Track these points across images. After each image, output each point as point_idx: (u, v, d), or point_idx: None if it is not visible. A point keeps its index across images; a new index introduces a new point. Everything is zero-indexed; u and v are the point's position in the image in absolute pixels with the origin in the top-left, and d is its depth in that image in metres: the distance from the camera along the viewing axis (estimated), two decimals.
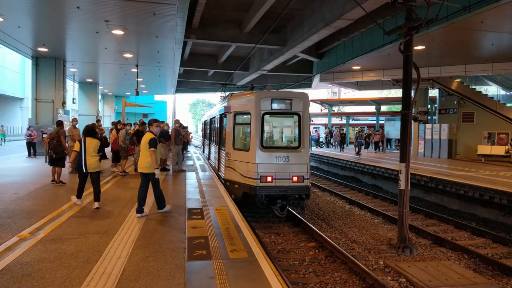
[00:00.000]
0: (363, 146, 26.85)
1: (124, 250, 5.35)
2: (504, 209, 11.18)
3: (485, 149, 21.19)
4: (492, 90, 28.33)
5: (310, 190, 10.18)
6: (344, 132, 32.10)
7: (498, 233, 10.17)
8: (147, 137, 7.49)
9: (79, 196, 8.29)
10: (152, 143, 7.34)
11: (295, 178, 9.83)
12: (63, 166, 10.88)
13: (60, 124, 11.13)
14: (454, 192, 12.97)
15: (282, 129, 11.23)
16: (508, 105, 23.87)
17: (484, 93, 24.40)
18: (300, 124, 10.28)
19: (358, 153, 24.21)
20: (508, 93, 27.25)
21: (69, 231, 6.26)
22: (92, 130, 8.24)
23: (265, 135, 10.26)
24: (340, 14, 13.04)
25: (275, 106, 10.16)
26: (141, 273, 4.59)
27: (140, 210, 7.40)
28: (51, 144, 10.61)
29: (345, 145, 29.45)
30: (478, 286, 6.56)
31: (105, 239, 5.83)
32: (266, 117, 10.21)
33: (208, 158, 18.22)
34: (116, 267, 4.73)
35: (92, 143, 8.03)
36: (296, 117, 10.34)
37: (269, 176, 9.73)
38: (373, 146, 28.02)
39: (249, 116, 10.24)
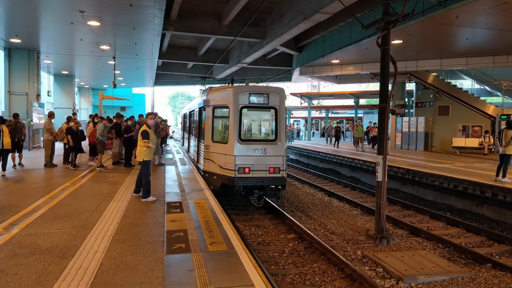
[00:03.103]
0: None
1: (102, 245, 5.27)
2: (477, 200, 11.52)
3: (459, 141, 21.76)
4: (466, 84, 29.06)
5: (285, 181, 10.51)
6: (339, 126, 29.71)
7: (471, 223, 10.47)
8: (141, 129, 8.41)
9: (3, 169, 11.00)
10: (144, 135, 8.18)
11: (271, 170, 10.12)
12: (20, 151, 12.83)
13: (16, 116, 12.82)
14: (430, 184, 13.29)
15: (259, 122, 11.52)
16: (482, 98, 24.54)
17: (459, 87, 25.00)
18: (276, 117, 10.55)
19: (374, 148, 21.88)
20: (482, 87, 27.99)
21: (45, 225, 6.13)
22: (3, 119, 11.09)
23: (243, 128, 10.48)
24: (319, 7, 13.09)
25: (253, 100, 10.41)
26: (119, 267, 4.54)
27: (137, 190, 8.58)
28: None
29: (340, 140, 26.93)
30: (452, 274, 6.75)
31: (82, 234, 5.74)
32: (244, 110, 10.44)
33: (188, 151, 18.20)
34: (93, 262, 4.66)
35: (5, 128, 10.91)
36: (272, 111, 10.61)
37: (246, 167, 9.98)
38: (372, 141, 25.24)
39: (228, 109, 10.44)
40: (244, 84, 11.17)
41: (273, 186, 10.48)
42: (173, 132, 39.55)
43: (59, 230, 5.92)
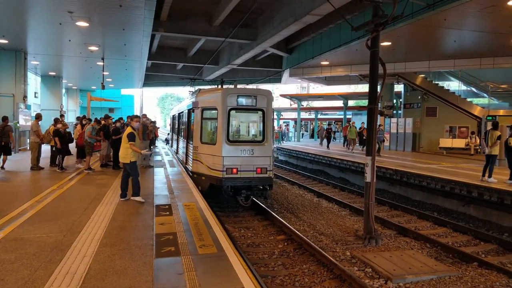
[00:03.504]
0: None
1: (90, 249, 5.22)
2: (464, 200, 11.68)
3: (446, 142, 22.06)
4: (453, 85, 29.44)
5: (272, 181, 10.73)
6: (331, 127, 29.79)
7: (458, 222, 10.61)
8: (126, 131, 8.38)
9: None
10: (130, 137, 8.17)
11: (259, 170, 10.32)
12: (10, 154, 12.67)
13: (5, 119, 12.37)
14: (418, 184, 13.43)
15: (247, 124, 11.74)
16: (469, 100, 24.90)
17: (446, 88, 25.32)
18: (264, 119, 10.75)
19: (378, 151, 18.62)
20: (468, 88, 28.41)
21: (31, 230, 6.04)
22: None
23: (231, 129, 10.64)
24: (310, 9, 13.16)
25: (241, 102, 10.58)
26: (107, 271, 4.50)
27: (123, 195, 8.40)
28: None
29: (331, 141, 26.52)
30: (439, 273, 6.83)
31: (70, 238, 5.67)
32: (232, 112, 10.61)
33: (176, 152, 18.22)
34: (81, 266, 4.61)
35: None
36: (260, 112, 10.81)
37: (234, 168, 10.17)
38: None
39: (216, 111, 10.62)
40: (232, 87, 11.33)
41: (261, 186, 10.65)
42: (168, 134, 38.99)
43: (46, 234, 5.85)
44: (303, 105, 40.41)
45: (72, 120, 27.79)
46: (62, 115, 18.68)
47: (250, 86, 28.41)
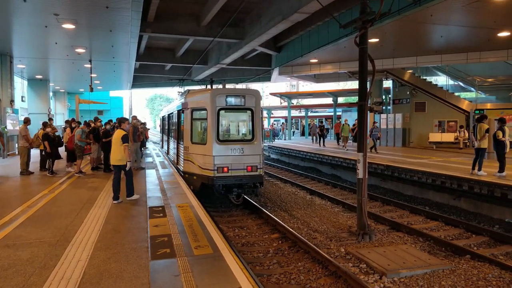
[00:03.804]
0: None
1: (84, 253, 5.18)
2: (454, 193, 11.82)
3: (436, 136, 22.31)
4: (441, 80, 29.74)
5: (263, 178, 10.91)
6: (323, 124, 29.44)
7: (450, 215, 10.73)
8: (119, 133, 8.34)
9: None
10: (124, 139, 8.19)
11: (249, 168, 10.50)
12: None
13: None
14: (409, 179, 13.56)
15: (237, 123, 11.94)
16: (456, 94, 25.19)
17: (434, 83, 25.58)
18: (253, 118, 10.93)
19: (374, 148, 19.37)
20: (456, 83, 28.74)
21: (24, 235, 5.97)
22: None
23: (220, 129, 10.80)
24: (297, 7, 13.17)
25: (230, 102, 10.75)
26: (103, 275, 4.47)
27: (116, 197, 8.34)
28: None
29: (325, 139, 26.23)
30: (433, 267, 6.90)
31: (63, 242, 5.62)
32: (221, 112, 10.76)
33: (167, 153, 18.22)
34: (76, 271, 4.57)
35: None
36: (249, 112, 10.98)
37: (225, 167, 10.34)
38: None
39: (206, 111, 10.75)
40: (221, 87, 11.43)
41: (252, 184, 10.81)
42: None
43: (39, 239, 5.78)
44: (293, 103, 40.51)
45: (60, 124, 27.48)
46: (50, 119, 18.45)
47: (239, 86, 28.42)
